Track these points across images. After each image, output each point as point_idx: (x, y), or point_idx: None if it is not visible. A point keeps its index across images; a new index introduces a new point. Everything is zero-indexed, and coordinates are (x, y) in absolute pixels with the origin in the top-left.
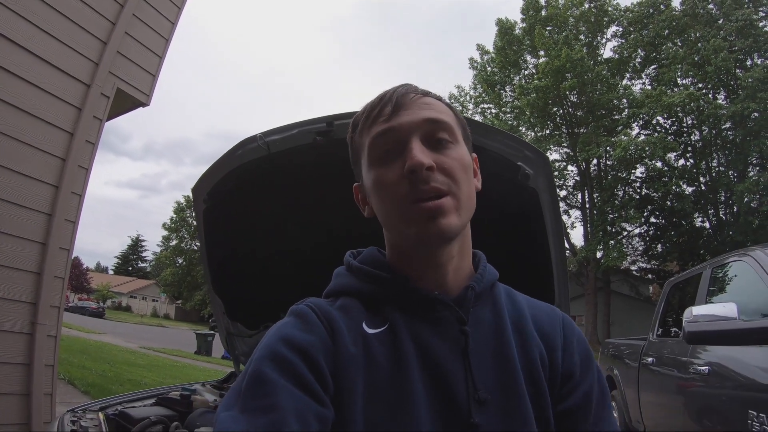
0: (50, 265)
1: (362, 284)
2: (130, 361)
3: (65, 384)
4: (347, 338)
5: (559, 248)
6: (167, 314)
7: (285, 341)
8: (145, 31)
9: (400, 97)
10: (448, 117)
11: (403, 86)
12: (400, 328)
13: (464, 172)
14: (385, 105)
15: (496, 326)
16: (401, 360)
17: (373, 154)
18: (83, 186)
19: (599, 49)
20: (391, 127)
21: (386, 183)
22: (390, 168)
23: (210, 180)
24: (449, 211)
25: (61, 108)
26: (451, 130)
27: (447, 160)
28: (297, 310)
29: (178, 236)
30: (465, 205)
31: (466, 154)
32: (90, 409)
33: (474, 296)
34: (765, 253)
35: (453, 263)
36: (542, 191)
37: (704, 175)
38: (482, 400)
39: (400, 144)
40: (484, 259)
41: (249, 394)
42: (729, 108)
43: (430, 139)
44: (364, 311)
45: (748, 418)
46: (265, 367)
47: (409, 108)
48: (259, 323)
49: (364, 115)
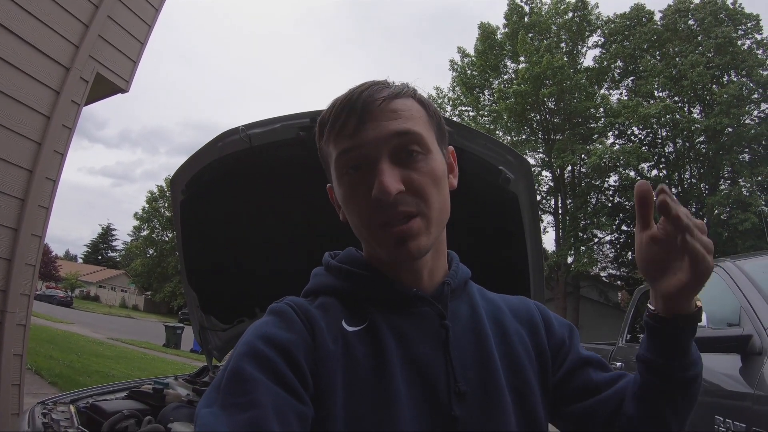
0: (21, 252)
1: (341, 282)
2: (98, 352)
3: (32, 374)
4: (327, 336)
5: (536, 252)
6: (136, 305)
7: (264, 339)
8: (128, 15)
9: (366, 106)
10: (418, 124)
11: (370, 88)
12: (380, 324)
13: (435, 186)
14: (350, 115)
15: (472, 320)
16: (381, 356)
17: (341, 171)
18: (58, 172)
19: (579, 57)
20: (357, 145)
21: (355, 203)
22: (359, 187)
23: (189, 171)
24: (419, 233)
25: (38, 90)
26: (422, 141)
27: (417, 177)
28: (276, 308)
29: (150, 226)
30: (436, 221)
31: (439, 161)
32: (61, 401)
33: (450, 292)
34: (735, 265)
35: (428, 266)
36: (522, 196)
37: (676, 186)
38: (462, 392)
39: (368, 161)
40: (456, 258)
41: (229, 391)
42: (703, 122)
43: (400, 153)
44: (343, 309)
45: (714, 423)
46: (244, 364)
47: (376, 119)
48: (234, 317)
49: (329, 122)
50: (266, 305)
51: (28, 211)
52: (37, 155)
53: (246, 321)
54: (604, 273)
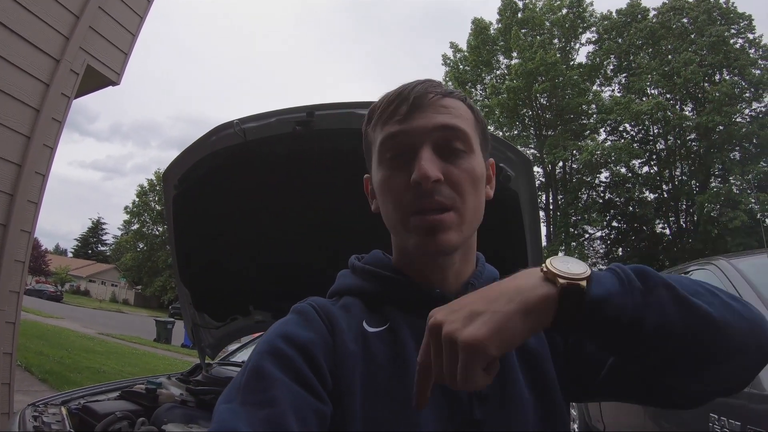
0: (10, 248)
1: (364, 283)
2: (89, 347)
3: (22, 371)
4: (347, 336)
5: (536, 251)
6: (126, 300)
7: (285, 338)
8: (120, 7)
9: (418, 97)
10: (465, 123)
11: (423, 83)
12: (401, 326)
13: (473, 185)
14: (401, 103)
15: None
16: (401, 357)
17: (383, 155)
18: (47, 166)
19: (572, 54)
20: (403, 130)
21: (392, 188)
22: (398, 173)
23: (182, 165)
24: (450, 227)
25: (28, 83)
26: (467, 138)
27: (457, 172)
28: (299, 308)
29: (140, 220)
30: (469, 220)
31: (480, 164)
32: (52, 403)
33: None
34: (730, 264)
35: (455, 268)
36: (523, 193)
37: (667, 183)
38: (484, 395)
39: (411, 149)
40: (482, 259)
41: (248, 389)
42: (695, 120)
43: (443, 147)
44: (365, 310)
45: (709, 421)
46: (264, 362)
47: (425, 110)
48: (227, 315)
49: (380, 108)
50: (260, 303)
51: (17, 207)
52: (26, 149)
53: (239, 319)
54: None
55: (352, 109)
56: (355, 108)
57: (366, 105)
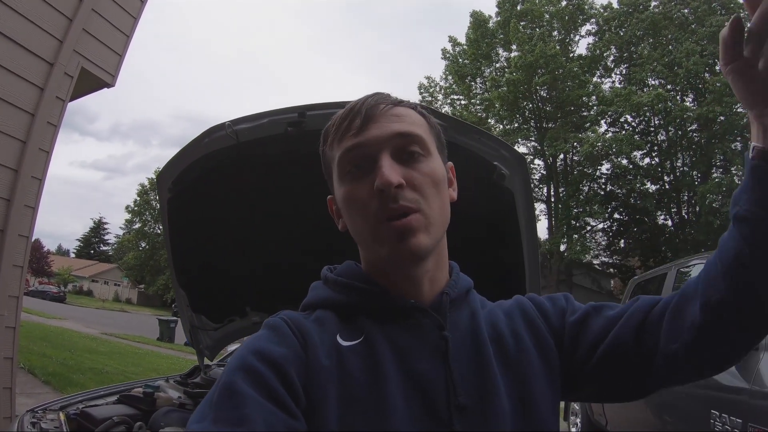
0: (9, 253)
1: (337, 296)
2: (92, 348)
3: (25, 373)
4: (320, 351)
5: (532, 249)
6: (129, 299)
7: (257, 353)
8: (113, 8)
9: (369, 109)
10: (420, 129)
11: (373, 96)
12: (377, 338)
13: (435, 187)
14: (354, 117)
15: (472, 330)
16: (377, 371)
17: (343, 170)
18: (44, 170)
19: (572, 46)
20: (360, 143)
21: (356, 200)
22: (360, 185)
23: (175, 168)
24: (418, 229)
25: (22, 87)
26: (423, 143)
27: (417, 175)
28: (271, 323)
29: (142, 219)
30: (436, 221)
31: (439, 166)
32: (50, 408)
33: (449, 302)
34: None
35: (428, 276)
36: (517, 192)
37: (668, 174)
38: (462, 406)
39: (370, 159)
40: (457, 268)
41: (220, 406)
42: (696, 110)
43: (401, 153)
44: (339, 323)
45: (710, 418)
46: (236, 379)
47: (378, 120)
48: (224, 317)
49: (334, 127)
50: (257, 304)
51: (14, 212)
52: (22, 154)
53: (237, 320)
54: (597, 261)
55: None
56: None
57: None
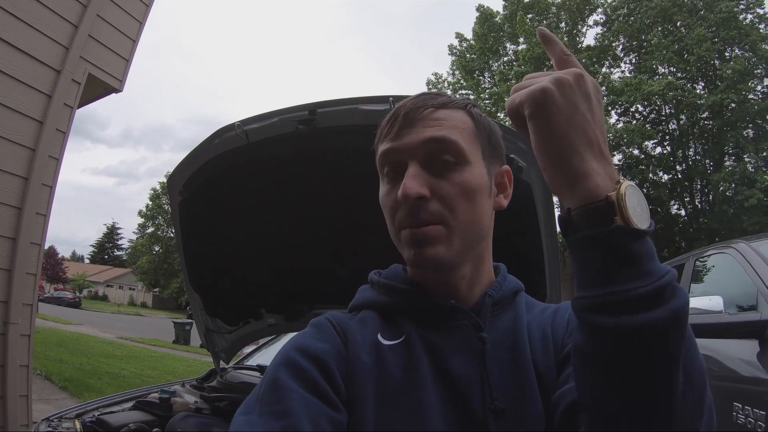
0: (21, 261)
1: (381, 297)
2: (108, 352)
3: (42, 380)
4: (361, 348)
5: (551, 242)
6: (144, 303)
7: (300, 349)
8: (118, 13)
9: (408, 113)
10: (458, 134)
11: (418, 97)
12: (416, 338)
13: (466, 198)
14: (394, 121)
15: (513, 333)
16: (415, 371)
17: (381, 171)
18: (54, 177)
19: (579, 37)
20: (393, 148)
21: (387, 203)
22: (392, 189)
23: (186, 171)
24: (437, 240)
25: (30, 95)
26: (458, 150)
27: (446, 186)
28: (315, 321)
29: (155, 223)
30: (462, 233)
31: (477, 175)
32: (66, 416)
33: (492, 303)
34: (750, 247)
35: (465, 281)
36: (535, 184)
37: (681, 163)
38: (499, 410)
39: (401, 166)
40: (504, 270)
41: (265, 400)
42: (707, 98)
43: (432, 162)
44: (381, 323)
45: (732, 410)
46: (280, 374)
47: (414, 125)
48: (239, 319)
49: (381, 126)
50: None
51: (26, 220)
52: (31, 162)
53: (252, 322)
54: None
55: (354, 105)
56: (357, 104)
57: (368, 100)
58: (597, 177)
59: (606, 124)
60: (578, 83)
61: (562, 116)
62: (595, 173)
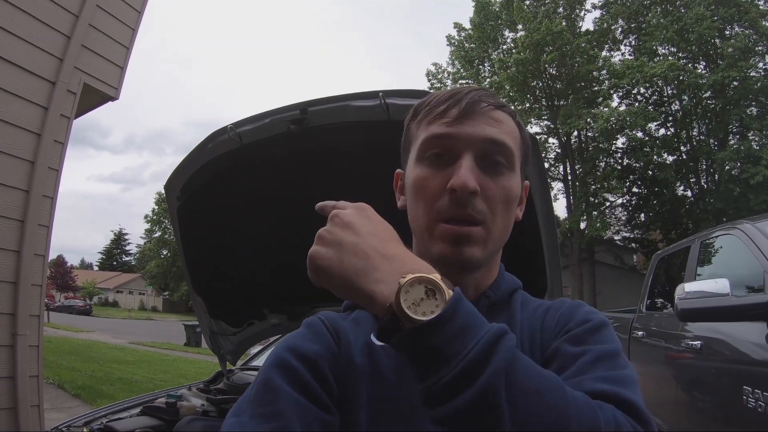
0: (26, 273)
1: None
2: (120, 358)
3: (55, 389)
4: (354, 349)
5: (549, 232)
6: (155, 307)
7: (291, 350)
8: (110, 21)
9: (470, 104)
10: (512, 140)
11: (478, 91)
12: None
13: (506, 204)
14: (452, 105)
15: None
16: (406, 371)
17: (423, 153)
18: (55, 188)
19: (578, 21)
20: (450, 134)
21: (426, 189)
22: (435, 174)
23: (182, 176)
24: (476, 242)
25: (26, 108)
26: (510, 156)
27: (494, 187)
28: (308, 321)
29: (161, 227)
30: (495, 238)
31: (517, 184)
32: (74, 425)
33: (488, 305)
34: (755, 227)
35: (475, 283)
36: (533, 177)
37: (685, 144)
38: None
39: (453, 154)
40: (502, 269)
41: (256, 402)
42: (709, 77)
43: (485, 160)
44: (374, 323)
45: (743, 394)
46: (271, 375)
47: (476, 118)
48: (243, 321)
49: (429, 107)
50: (274, 306)
51: (29, 232)
52: (31, 174)
53: (256, 323)
54: (618, 236)
55: (346, 101)
56: (348, 100)
57: (358, 96)
58: (381, 289)
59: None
60: (334, 223)
61: (333, 262)
62: (379, 287)
